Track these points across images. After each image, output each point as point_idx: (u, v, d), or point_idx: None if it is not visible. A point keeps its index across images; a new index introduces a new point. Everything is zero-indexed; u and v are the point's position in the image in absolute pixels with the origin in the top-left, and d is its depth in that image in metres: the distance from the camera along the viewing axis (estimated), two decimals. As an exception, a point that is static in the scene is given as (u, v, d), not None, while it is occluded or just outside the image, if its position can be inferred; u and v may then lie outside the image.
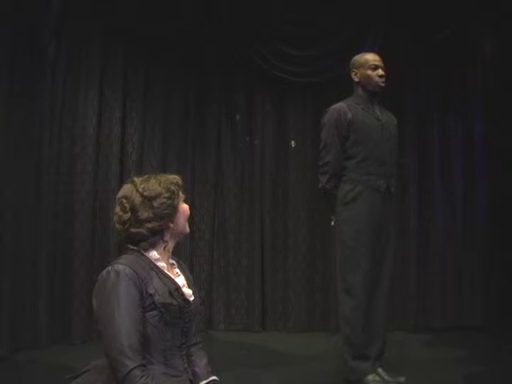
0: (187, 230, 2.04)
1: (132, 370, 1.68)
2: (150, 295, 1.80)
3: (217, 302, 5.29)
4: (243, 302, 5.33)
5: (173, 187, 1.95)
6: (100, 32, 4.83)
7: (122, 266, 1.80)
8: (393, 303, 4.51)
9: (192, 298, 1.95)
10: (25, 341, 4.30)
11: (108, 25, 4.82)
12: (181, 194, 1.99)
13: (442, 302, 5.42)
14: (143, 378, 1.68)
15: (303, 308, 5.33)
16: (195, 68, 5.30)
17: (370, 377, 3.46)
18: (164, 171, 5.22)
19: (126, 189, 1.93)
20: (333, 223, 3.70)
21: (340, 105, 3.65)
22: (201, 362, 1.99)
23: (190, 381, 1.90)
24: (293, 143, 5.40)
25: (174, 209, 1.94)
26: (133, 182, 1.94)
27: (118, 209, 1.90)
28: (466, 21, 5.24)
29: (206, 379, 1.95)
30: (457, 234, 5.55)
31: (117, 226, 1.91)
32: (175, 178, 2.01)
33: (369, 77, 3.62)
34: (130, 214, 1.87)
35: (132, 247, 1.92)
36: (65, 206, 4.69)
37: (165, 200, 1.90)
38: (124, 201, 1.89)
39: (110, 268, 1.82)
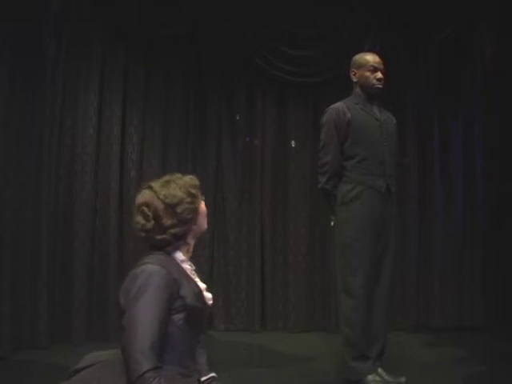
0: (206, 226, 2.05)
1: (148, 371, 1.66)
2: (181, 297, 1.80)
3: (217, 302, 5.29)
4: (243, 302, 5.33)
5: (193, 190, 1.94)
6: (100, 32, 4.83)
7: (156, 266, 1.79)
8: (393, 303, 4.52)
9: (210, 302, 1.97)
10: (25, 341, 4.30)
11: (108, 25, 4.82)
12: (200, 195, 1.98)
13: (442, 302, 5.42)
14: (156, 380, 1.67)
15: (303, 308, 5.33)
16: (195, 68, 5.30)
17: (370, 377, 3.46)
18: (164, 171, 5.27)
19: (146, 196, 1.91)
20: (332, 223, 3.70)
21: (339, 105, 3.64)
22: (201, 359, 2.00)
23: (198, 381, 1.90)
24: (293, 143, 5.40)
25: (196, 212, 1.95)
26: (151, 188, 1.92)
27: (139, 218, 1.88)
28: (465, 21, 5.25)
29: (205, 376, 1.95)
30: (457, 234, 5.56)
31: (140, 233, 1.90)
32: (193, 179, 2.00)
33: (367, 78, 3.62)
34: (153, 222, 1.86)
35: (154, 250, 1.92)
36: (65, 206, 4.70)
37: (187, 205, 1.90)
38: (145, 209, 1.87)
39: (143, 267, 1.80)
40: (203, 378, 1.93)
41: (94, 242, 4.79)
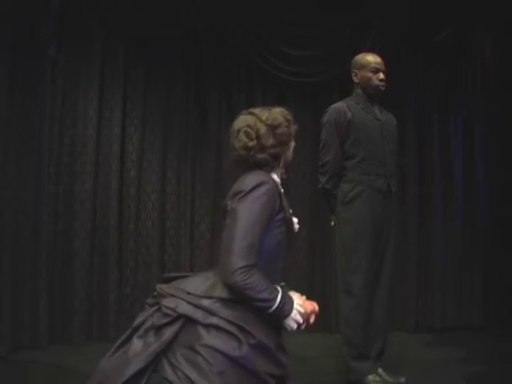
0: (291, 157, 2.19)
1: (242, 267, 1.76)
2: (283, 209, 1.96)
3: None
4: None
5: (289, 117, 2.09)
6: (100, 32, 4.83)
7: (266, 176, 1.94)
8: (393, 303, 4.51)
9: (297, 227, 2.11)
10: (24, 341, 4.30)
11: (108, 25, 4.82)
12: (293, 125, 2.12)
13: (442, 302, 5.42)
14: (249, 274, 1.76)
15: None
16: (195, 68, 5.29)
17: (371, 377, 3.46)
18: (164, 171, 5.26)
19: (248, 119, 2.04)
20: (333, 223, 3.69)
21: (340, 104, 3.64)
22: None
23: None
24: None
25: (291, 136, 2.12)
26: (252, 114, 2.06)
27: (243, 136, 2.01)
28: (465, 21, 5.24)
29: None
30: (457, 234, 5.56)
31: (241, 152, 2.02)
32: (286, 110, 2.11)
33: (369, 79, 3.62)
34: (255, 141, 1.99)
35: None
36: (65, 206, 4.70)
37: (285, 129, 2.05)
38: (249, 130, 2.01)
39: (253, 176, 1.93)
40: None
41: (94, 242, 4.79)
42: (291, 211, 2.04)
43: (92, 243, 4.77)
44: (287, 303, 1.85)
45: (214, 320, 1.75)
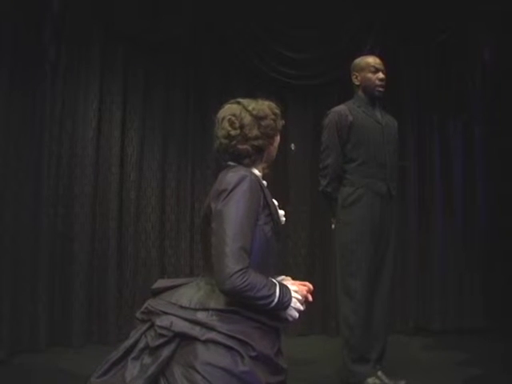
0: (275, 154, 2.11)
1: (237, 272, 1.70)
2: (268, 205, 1.89)
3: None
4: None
5: (277, 111, 2.04)
6: (100, 34, 4.82)
7: (246, 172, 1.87)
8: (393, 306, 4.51)
9: (283, 220, 2.03)
10: (24, 344, 4.29)
11: (108, 27, 4.82)
12: (280, 120, 2.06)
13: (442, 305, 5.42)
14: (245, 278, 1.70)
15: (303, 310, 5.30)
16: (195, 70, 5.28)
17: (370, 380, 3.46)
18: (164, 174, 5.25)
19: (233, 108, 2.00)
20: (333, 226, 3.69)
21: (341, 107, 3.65)
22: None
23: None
24: (292, 146, 5.38)
25: (276, 130, 2.04)
26: (239, 103, 2.01)
27: (226, 124, 1.97)
28: (465, 22, 5.25)
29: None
30: (457, 237, 5.56)
31: (222, 141, 1.97)
32: (274, 103, 2.07)
33: (369, 80, 3.62)
34: (238, 130, 1.94)
35: (233, 163, 1.98)
36: (64, 209, 4.69)
37: (271, 122, 1.99)
38: (233, 118, 1.96)
39: (233, 173, 1.86)
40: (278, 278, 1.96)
41: (94, 245, 4.78)
42: (276, 203, 1.99)
43: (92, 246, 4.76)
44: (286, 294, 1.82)
45: (212, 335, 1.70)
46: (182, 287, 1.87)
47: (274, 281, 1.82)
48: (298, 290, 1.88)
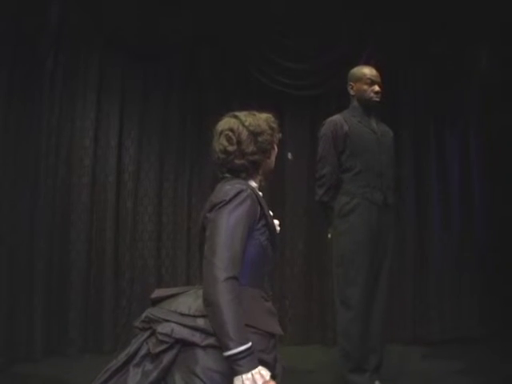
0: (273, 166, 2.12)
1: (227, 279, 1.70)
2: (265, 215, 1.91)
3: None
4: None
5: (273, 125, 2.06)
6: (98, 44, 4.85)
7: (243, 185, 1.89)
8: (390, 315, 4.50)
9: (278, 229, 2.02)
10: (20, 353, 4.27)
11: (106, 36, 4.83)
12: (277, 134, 2.08)
13: (439, 314, 5.41)
14: (234, 288, 1.70)
15: (300, 320, 5.31)
16: (193, 80, 5.30)
17: (368, 389, 3.45)
18: (161, 183, 5.25)
19: (231, 123, 2.03)
20: (330, 236, 3.70)
21: (336, 117, 3.66)
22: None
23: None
24: (289, 155, 5.39)
25: (273, 144, 2.06)
26: (236, 117, 2.04)
27: (223, 141, 1.99)
28: (462, 30, 5.27)
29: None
30: (454, 246, 5.56)
31: (219, 155, 2.00)
32: (272, 117, 2.09)
33: (364, 91, 3.64)
34: (236, 146, 1.97)
35: (230, 176, 2.00)
36: (61, 218, 4.69)
37: (268, 137, 2.01)
38: (230, 133, 1.99)
39: (230, 186, 1.88)
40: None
41: (91, 254, 4.78)
42: (271, 213, 2.00)
43: (89, 255, 4.76)
44: (248, 362, 1.66)
45: (211, 341, 1.72)
46: (181, 296, 1.89)
47: (251, 344, 1.69)
48: (264, 379, 1.70)
